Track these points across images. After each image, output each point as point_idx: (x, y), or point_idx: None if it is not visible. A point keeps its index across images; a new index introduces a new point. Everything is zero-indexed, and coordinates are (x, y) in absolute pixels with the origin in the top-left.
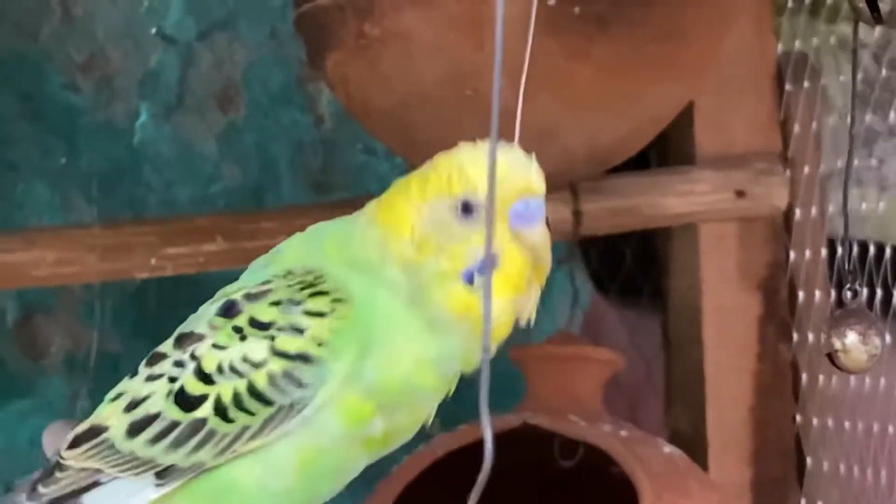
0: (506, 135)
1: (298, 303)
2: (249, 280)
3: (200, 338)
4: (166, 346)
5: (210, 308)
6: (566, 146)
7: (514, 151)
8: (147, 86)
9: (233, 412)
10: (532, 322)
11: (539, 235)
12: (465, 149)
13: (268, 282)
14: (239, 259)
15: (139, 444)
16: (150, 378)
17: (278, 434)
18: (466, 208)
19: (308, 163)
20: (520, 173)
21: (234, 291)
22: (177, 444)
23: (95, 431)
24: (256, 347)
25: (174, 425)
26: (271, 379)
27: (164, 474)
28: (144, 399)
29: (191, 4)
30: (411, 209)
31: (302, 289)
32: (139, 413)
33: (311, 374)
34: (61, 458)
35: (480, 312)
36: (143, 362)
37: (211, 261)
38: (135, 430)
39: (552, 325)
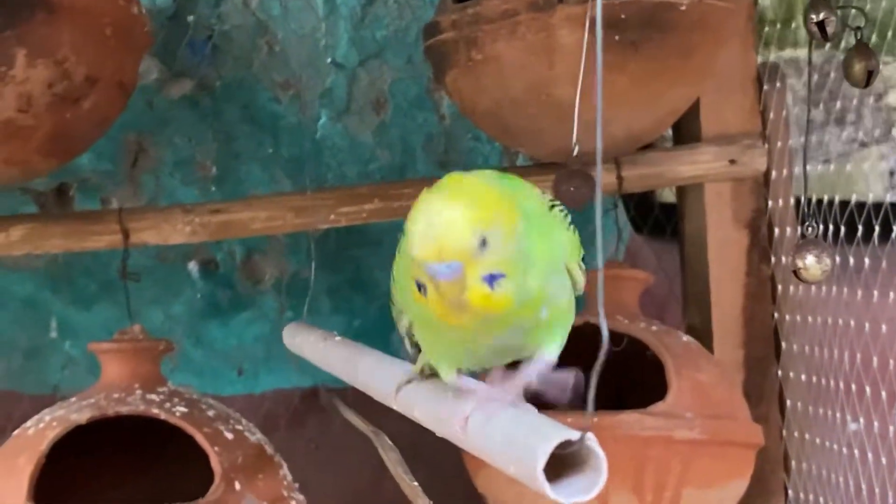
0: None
1: None
2: None
3: None
4: None
5: None
6: (612, 132)
7: (438, 222)
8: (325, 97)
9: None
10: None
11: (443, 286)
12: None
13: None
14: (389, 214)
15: None
16: None
17: None
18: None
19: (434, 147)
20: (426, 244)
21: None
22: None
23: None
24: None
25: None
26: None
27: None
28: None
29: (353, 42)
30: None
31: None
32: None
33: None
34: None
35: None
36: None
37: (371, 216)
38: None
39: (603, 256)
